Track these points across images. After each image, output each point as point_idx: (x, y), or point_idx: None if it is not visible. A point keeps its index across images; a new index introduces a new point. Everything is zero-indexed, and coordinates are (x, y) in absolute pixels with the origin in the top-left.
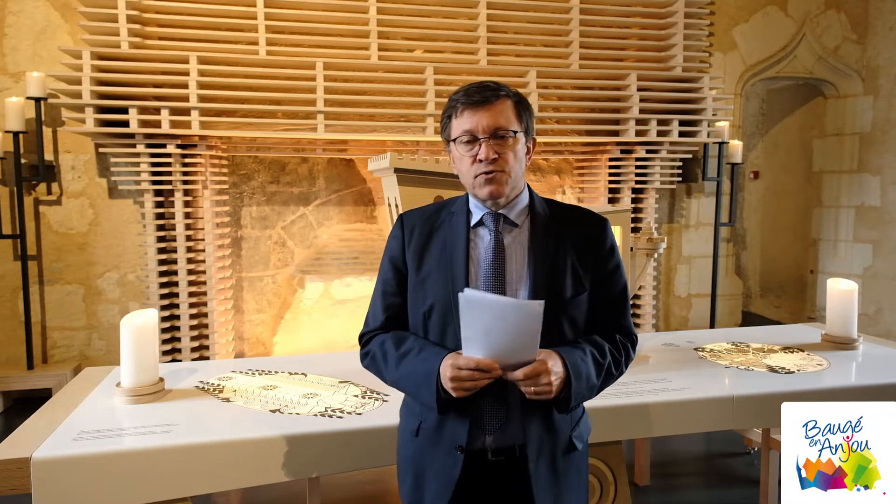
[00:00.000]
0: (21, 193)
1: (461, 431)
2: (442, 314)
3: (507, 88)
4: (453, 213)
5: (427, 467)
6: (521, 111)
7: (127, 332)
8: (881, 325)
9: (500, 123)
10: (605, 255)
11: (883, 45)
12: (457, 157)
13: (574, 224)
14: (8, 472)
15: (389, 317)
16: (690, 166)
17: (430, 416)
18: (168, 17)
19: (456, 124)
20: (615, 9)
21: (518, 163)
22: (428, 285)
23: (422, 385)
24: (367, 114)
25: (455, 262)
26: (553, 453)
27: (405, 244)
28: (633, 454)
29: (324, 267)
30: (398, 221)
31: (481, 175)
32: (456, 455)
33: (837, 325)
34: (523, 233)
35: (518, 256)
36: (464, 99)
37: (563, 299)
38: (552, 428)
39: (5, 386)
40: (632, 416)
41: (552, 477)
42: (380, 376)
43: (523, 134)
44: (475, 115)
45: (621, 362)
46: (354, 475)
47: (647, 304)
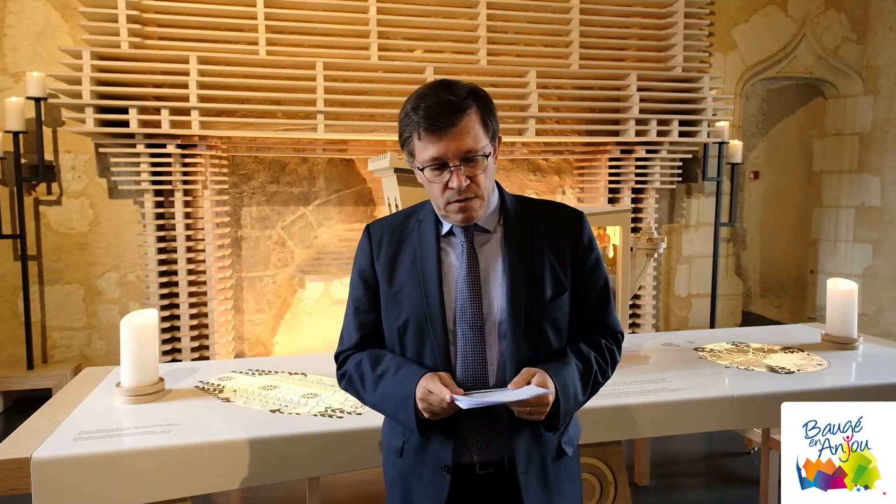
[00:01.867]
0: (21, 193)
1: (446, 451)
2: (418, 329)
3: (468, 94)
4: (422, 220)
5: (414, 487)
6: (487, 119)
7: (127, 332)
8: (881, 325)
9: (469, 146)
10: (583, 252)
11: (883, 45)
12: (425, 181)
13: (548, 221)
14: (8, 472)
15: (364, 335)
16: (690, 166)
17: (412, 436)
18: (168, 17)
19: (420, 147)
20: (615, 9)
21: (489, 179)
22: (401, 299)
23: (400, 407)
24: (367, 114)
25: (427, 274)
26: (543, 462)
27: (374, 256)
28: (633, 454)
29: (324, 267)
30: (365, 233)
31: (454, 203)
32: (442, 475)
33: (837, 325)
34: (496, 237)
35: (493, 262)
36: (426, 124)
37: (543, 303)
38: (540, 437)
39: (5, 386)
40: (632, 416)
41: (543, 487)
42: (359, 399)
43: (491, 142)
44: (442, 140)
45: (607, 371)
46: (354, 475)
47: (647, 304)
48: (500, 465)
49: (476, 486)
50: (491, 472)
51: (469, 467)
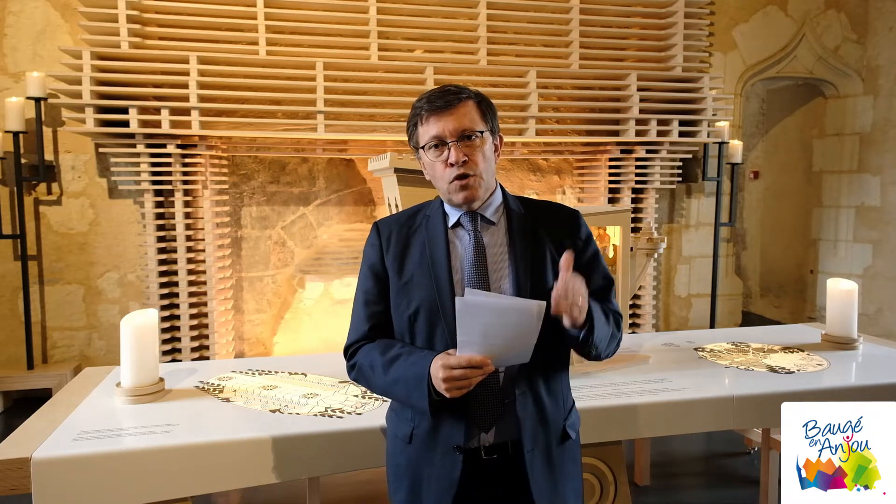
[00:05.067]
0: (21, 193)
1: (457, 431)
2: (428, 316)
3: (469, 90)
4: (429, 216)
5: (424, 473)
6: (485, 111)
7: (127, 332)
8: (881, 325)
9: (465, 125)
10: (581, 246)
11: (883, 45)
12: (427, 163)
13: (548, 218)
14: (8, 472)
15: (373, 326)
16: (690, 166)
17: (423, 421)
18: (168, 17)
19: (422, 131)
20: (615, 9)
21: (487, 163)
22: (411, 288)
23: (413, 389)
24: (367, 114)
25: (437, 262)
26: (548, 444)
27: (383, 251)
28: (633, 454)
29: (324, 267)
30: (373, 229)
31: (455, 181)
32: (454, 456)
33: (837, 325)
34: (500, 230)
35: (498, 253)
36: (427, 106)
37: (546, 291)
38: (545, 419)
39: (5, 386)
40: (632, 416)
41: (548, 468)
42: (368, 387)
43: (490, 133)
44: (440, 121)
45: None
46: (354, 475)
47: (647, 304)
48: (504, 450)
49: (482, 472)
50: (495, 457)
51: (475, 452)
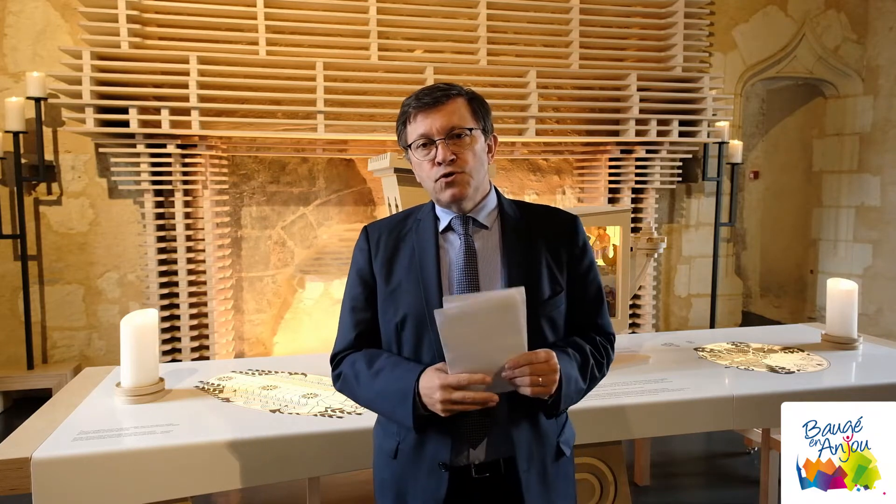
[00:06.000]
0: (21, 193)
1: (443, 447)
2: (415, 325)
3: (460, 87)
4: (420, 220)
5: (409, 490)
6: (477, 108)
7: (127, 332)
8: (881, 325)
9: (454, 123)
10: (577, 254)
11: (883, 45)
12: (415, 163)
13: (544, 223)
14: (8, 472)
15: (360, 333)
16: (690, 166)
17: (408, 436)
18: (168, 17)
19: (411, 129)
20: (615, 9)
21: (478, 162)
22: (399, 295)
23: (397, 405)
24: (367, 114)
25: (426, 268)
26: (543, 461)
27: (371, 256)
28: (633, 454)
29: (324, 267)
30: (363, 233)
31: (441, 179)
32: (440, 473)
33: (837, 325)
34: (493, 235)
35: (490, 259)
36: (415, 103)
37: (540, 300)
38: (540, 435)
39: (5, 386)
40: (632, 416)
41: (543, 487)
42: (353, 398)
43: (481, 132)
44: (428, 118)
45: (603, 364)
46: (354, 475)
47: (647, 304)
48: (495, 468)
49: (471, 491)
50: (487, 476)
51: (465, 470)
